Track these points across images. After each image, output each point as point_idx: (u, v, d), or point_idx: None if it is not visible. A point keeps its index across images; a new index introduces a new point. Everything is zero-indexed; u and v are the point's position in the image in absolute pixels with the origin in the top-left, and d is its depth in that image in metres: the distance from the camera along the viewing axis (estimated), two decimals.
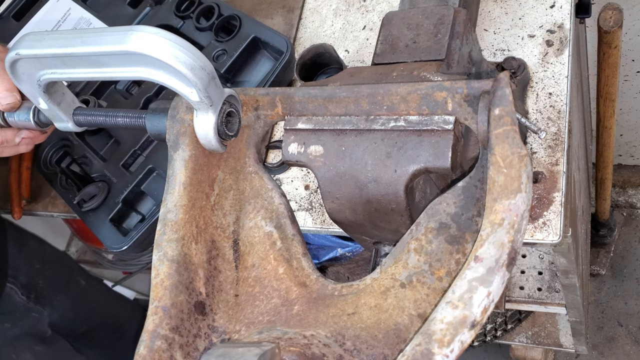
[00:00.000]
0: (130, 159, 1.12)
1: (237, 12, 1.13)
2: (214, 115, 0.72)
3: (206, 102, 0.70)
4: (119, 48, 0.67)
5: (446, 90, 0.67)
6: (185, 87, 0.69)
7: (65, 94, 0.84)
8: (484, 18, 1.06)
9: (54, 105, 0.82)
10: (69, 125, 0.85)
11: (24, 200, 1.27)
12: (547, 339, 1.74)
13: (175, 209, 0.71)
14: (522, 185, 0.57)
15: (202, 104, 0.70)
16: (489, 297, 0.53)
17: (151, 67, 0.69)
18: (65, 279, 1.62)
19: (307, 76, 1.02)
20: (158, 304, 0.65)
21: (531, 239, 0.86)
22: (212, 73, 0.69)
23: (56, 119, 0.85)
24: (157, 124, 0.78)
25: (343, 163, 0.73)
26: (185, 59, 0.66)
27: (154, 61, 0.67)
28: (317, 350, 0.59)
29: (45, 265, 1.54)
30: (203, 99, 0.69)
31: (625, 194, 2.34)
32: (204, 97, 0.69)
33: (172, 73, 0.68)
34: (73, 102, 0.85)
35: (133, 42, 0.66)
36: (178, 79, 0.68)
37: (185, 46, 0.67)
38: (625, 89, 1.94)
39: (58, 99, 0.83)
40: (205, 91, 0.69)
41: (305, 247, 0.75)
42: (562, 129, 0.92)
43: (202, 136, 0.74)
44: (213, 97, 0.70)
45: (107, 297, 1.86)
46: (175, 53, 0.66)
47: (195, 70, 0.67)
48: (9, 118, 0.90)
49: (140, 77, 0.70)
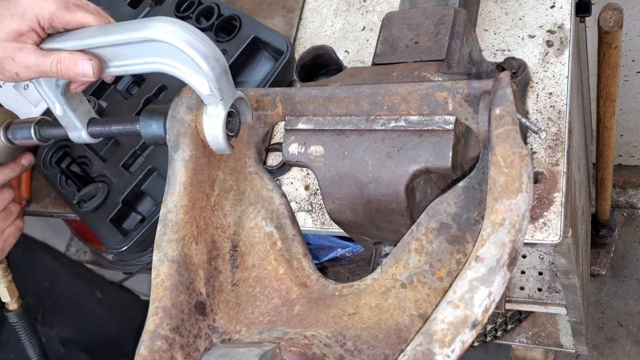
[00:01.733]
0: (130, 159, 1.12)
1: (237, 12, 1.13)
2: (224, 110, 0.71)
3: (217, 94, 0.69)
4: (137, 35, 0.68)
5: (447, 90, 0.67)
6: (197, 79, 0.69)
7: (82, 102, 0.84)
8: (484, 18, 1.06)
9: (70, 111, 0.82)
10: (82, 134, 0.84)
11: (24, 200, 1.27)
12: (548, 339, 1.74)
13: (175, 210, 0.71)
14: (523, 185, 0.57)
15: (212, 97, 0.70)
16: (490, 297, 0.53)
17: (166, 57, 0.69)
18: (77, 295, 1.60)
19: (306, 77, 1.01)
20: (158, 305, 0.65)
21: (531, 239, 0.86)
22: (225, 67, 0.69)
23: (70, 127, 0.84)
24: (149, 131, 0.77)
25: (343, 163, 0.73)
26: (199, 47, 0.67)
27: (170, 49, 0.67)
28: (318, 351, 0.59)
29: (55, 282, 1.52)
30: (214, 91, 0.69)
31: (625, 194, 2.34)
32: (214, 88, 0.69)
33: (186, 63, 0.68)
34: (89, 112, 0.85)
35: (151, 30, 0.67)
36: (191, 69, 0.68)
37: (200, 35, 0.68)
38: (625, 89, 1.94)
39: (74, 106, 0.83)
40: (217, 83, 0.68)
41: (305, 247, 0.75)
42: (563, 129, 0.92)
43: (209, 133, 0.72)
44: (224, 91, 0.70)
45: (127, 307, 1.83)
46: (190, 40, 0.66)
47: (208, 59, 0.67)
48: (10, 135, 0.90)
49: (155, 68, 0.71)
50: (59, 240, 2.09)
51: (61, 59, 0.74)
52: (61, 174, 1.15)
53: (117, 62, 0.75)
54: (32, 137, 0.88)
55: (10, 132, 0.90)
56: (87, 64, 0.74)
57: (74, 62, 0.74)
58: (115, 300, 1.78)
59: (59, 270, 1.58)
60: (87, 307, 1.62)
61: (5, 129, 0.91)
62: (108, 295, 1.73)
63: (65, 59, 0.74)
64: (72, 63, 0.74)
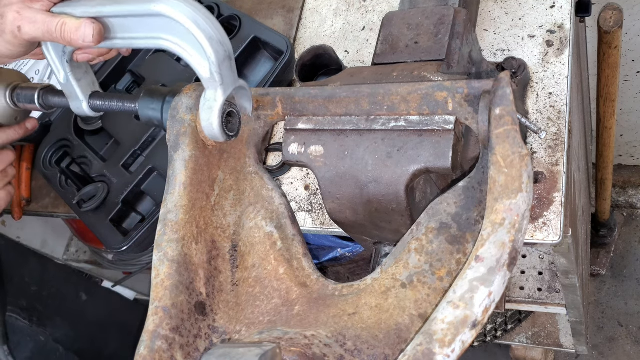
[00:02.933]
0: (130, 159, 1.12)
1: (237, 12, 1.13)
2: (222, 96, 0.70)
3: (217, 79, 0.68)
4: (146, 8, 0.68)
5: (447, 90, 0.67)
6: (199, 60, 0.68)
7: (87, 73, 0.84)
8: (484, 18, 1.06)
9: (74, 80, 0.82)
10: (82, 105, 0.84)
11: (24, 200, 1.27)
12: (547, 339, 1.74)
13: (175, 210, 0.71)
14: (523, 185, 0.57)
15: (212, 81, 0.69)
16: (490, 297, 0.53)
17: (172, 34, 0.69)
18: (64, 298, 1.62)
19: (306, 78, 1.01)
20: (158, 305, 0.65)
21: (531, 239, 0.86)
22: (230, 53, 0.68)
23: (72, 97, 0.84)
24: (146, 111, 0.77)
25: (343, 163, 0.73)
26: (205, 28, 0.66)
27: (176, 27, 0.67)
28: (318, 351, 0.59)
29: (42, 287, 1.54)
30: (214, 75, 0.68)
31: (625, 194, 2.34)
32: (215, 72, 0.68)
33: (191, 43, 0.68)
34: (93, 84, 0.85)
35: (160, 4, 0.67)
36: (195, 50, 0.68)
37: (208, 17, 0.67)
38: (625, 89, 1.94)
39: (79, 76, 0.83)
40: (218, 67, 0.67)
41: (305, 247, 0.75)
42: (562, 129, 0.92)
43: (204, 118, 0.71)
44: (225, 77, 0.69)
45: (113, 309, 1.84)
46: (197, 19, 0.66)
47: (212, 41, 0.66)
48: (15, 97, 0.90)
49: (160, 44, 0.71)
50: (59, 240, 2.08)
51: (67, 21, 0.75)
52: (61, 174, 1.15)
53: (123, 34, 0.75)
54: (35, 102, 0.89)
55: (15, 95, 0.91)
56: (89, 27, 0.74)
57: (77, 25, 0.74)
58: (100, 301, 1.80)
59: (46, 275, 1.60)
60: (73, 309, 1.63)
61: (12, 91, 0.91)
62: (94, 297, 1.75)
63: (70, 22, 0.75)
64: (74, 26, 0.75)
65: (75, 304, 1.66)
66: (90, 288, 1.76)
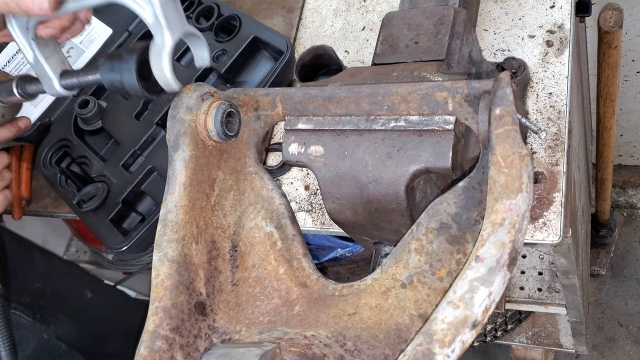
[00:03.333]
0: (130, 159, 1.12)
1: (237, 12, 1.13)
2: (170, 40, 0.67)
3: (162, 21, 0.66)
4: None
5: (447, 90, 0.67)
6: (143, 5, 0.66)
7: (55, 51, 0.83)
8: (484, 18, 1.06)
9: (42, 58, 0.81)
10: (54, 84, 0.83)
11: (24, 200, 1.27)
12: (547, 340, 1.74)
13: (175, 210, 0.71)
14: (523, 185, 0.57)
15: (157, 25, 0.66)
16: (490, 297, 0.53)
17: None
18: (68, 295, 1.61)
19: (306, 77, 1.01)
20: (158, 305, 0.65)
21: (531, 239, 0.86)
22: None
23: (44, 78, 0.83)
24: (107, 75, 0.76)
25: (343, 163, 0.73)
26: None
27: None
28: (318, 351, 0.59)
29: (46, 284, 1.53)
30: (158, 17, 0.66)
31: (625, 194, 2.34)
32: (159, 15, 0.65)
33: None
34: (63, 62, 0.84)
35: None
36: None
37: None
38: (625, 89, 1.94)
39: (47, 54, 0.82)
40: (162, 8, 0.65)
41: (305, 247, 0.75)
42: (562, 129, 0.92)
43: (155, 65, 0.69)
44: (170, 20, 0.67)
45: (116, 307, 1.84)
46: None
47: None
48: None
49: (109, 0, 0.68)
50: (59, 240, 2.09)
51: None
52: (61, 174, 1.15)
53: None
54: (14, 92, 0.89)
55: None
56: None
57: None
58: (105, 299, 1.79)
59: (50, 272, 1.59)
60: (77, 306, 1.63)
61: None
62: (98, 294, 1.74)
63: None
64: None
65: (80, 300, 1.65)
66: (95, 285, 1.76)
